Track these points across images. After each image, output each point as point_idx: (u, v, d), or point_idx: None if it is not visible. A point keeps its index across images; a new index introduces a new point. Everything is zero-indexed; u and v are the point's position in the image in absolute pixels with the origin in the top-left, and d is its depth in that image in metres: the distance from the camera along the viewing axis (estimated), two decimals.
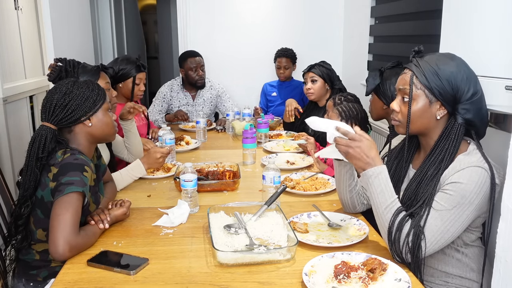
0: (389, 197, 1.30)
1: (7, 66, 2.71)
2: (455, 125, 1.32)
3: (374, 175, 1.32)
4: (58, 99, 1.45)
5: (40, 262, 1.47)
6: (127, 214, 1.58)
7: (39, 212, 1.44)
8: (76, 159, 1.41)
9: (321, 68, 2.79)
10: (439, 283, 1.39)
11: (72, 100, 1.46)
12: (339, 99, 2.35)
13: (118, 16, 5.37)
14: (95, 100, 1.50)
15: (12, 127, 2.67)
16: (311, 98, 2.83)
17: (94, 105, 1.50)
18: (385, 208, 1.30)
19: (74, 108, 1.46)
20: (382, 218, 1.30)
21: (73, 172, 1.37)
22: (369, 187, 1.33)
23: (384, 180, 1.31)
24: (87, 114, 1.48)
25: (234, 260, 1.27)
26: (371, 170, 1.32)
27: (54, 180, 1.38)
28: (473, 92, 1.30)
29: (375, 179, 1.31)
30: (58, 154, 1.42)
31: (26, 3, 3.04)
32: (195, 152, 2.61)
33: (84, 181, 1.38)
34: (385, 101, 1.89)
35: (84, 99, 1.47)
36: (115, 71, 2.58)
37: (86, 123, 1.49)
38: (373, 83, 1.90)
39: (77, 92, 1.47)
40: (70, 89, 1.47)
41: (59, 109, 1.45)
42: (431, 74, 1.31)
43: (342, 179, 1.55)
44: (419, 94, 1.33)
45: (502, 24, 1.34)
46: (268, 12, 4.03)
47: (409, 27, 2.69)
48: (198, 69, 3.40)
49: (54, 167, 1.39)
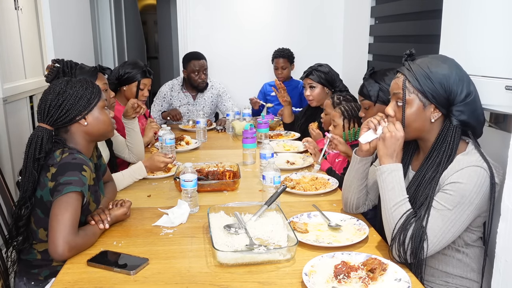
0: (400, 195, 1.31)
1: (7, 66, 2.71)
2: (451, 127, 1.32)
3: (389, 170, 1.33)
4: (52, 99, 1.44)
5: (42, 262, 1.48)
6: (128, 214, 1.58)
7: (39, 211, 1.44)
8: (75, 159, 1.40)
9: (318, 73, 2.72)
10: (440, 283, 1.39)
11: (66, 100, 1.44)
12: (338, 98, 2.35)
13: (118, 16, 5.37)
14: (89, 98, 1.48)
15: (12, 127, 2.67)
16: (312, 104, 2.79)
17: (88, 104, 1.48)
18: (393, 205, 1.30)
19: (69, 108, 1.44)
20: (388, 214, 1.31)
21: (72, 171, 1.37)
22: (383, 182, 1.34)
23: (398, 178, 1.32)
24: (82, 113, 1.47)
25: (234, 260, 1.27)
26: (393, 165, 1.33)
27: (53, 180, 1.37)
28: (467, 94, 1.30)
29: (389, 174, 1.32)
30: (57, 154, 1.41)
31: (26, 3, 3.04)
32: (195, 152, 2.61)
33: (82, 181, 1.38)
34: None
35: (78, 98, 1.46)
36: (121, 73, 2.59)
37: (81, 122, 1.48)
38: (376, 90, 1.91)
39: (71, 91, 1.45)
40: (63, 88, 1.45)
41: (54, 109, 1.44)
42: (423, 77, 1.31)
43: (358, 177, 1.54)
44: (412, 98, 1.33)
45: (502, 24, 1.34)
46: (268, 12, 4.03)
47: (409, 27, 2.69)
48: (201, 72, 3.39)
49: (53, 167, 1.39)
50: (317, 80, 2.72)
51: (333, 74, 2.78)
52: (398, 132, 1.34)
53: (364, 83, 1.97)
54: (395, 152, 1.34)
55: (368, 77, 1.97)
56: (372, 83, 1.94)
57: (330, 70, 2.78)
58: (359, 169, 1.53)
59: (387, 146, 1.34)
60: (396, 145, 1.34)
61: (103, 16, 5.10)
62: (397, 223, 1.28)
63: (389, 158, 1.34)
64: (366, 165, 1.52)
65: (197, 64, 3.39)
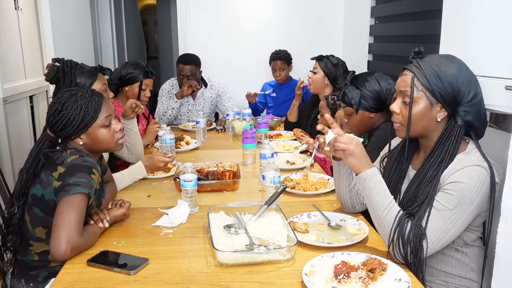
0: (386, 198, 1.31)
1: (7, 66, 2.71)
2: (455, 127, 1.32)
3: (368, 177, 1.32)
4: (50, 115, 1.47)
5: (39, 263, 1.47)
6: (127, 214, 1.58)
7: (37, 210, 1.44)
8: (85, 161, 1.42)
9: (327, 61, 2.75)
10: (439, 283, 1.39)
11: (61, 119, 1.44)
12: (332, 99, 2.35)
13: (118, 16, 5.37)
14: (82, 119, 1.45)
15: (12, 127, 2.67)
16: (310, 90, 2.83)
17: (81, 124, 1.46)
18: (384, 209, 1.30)
19: (62, 127, 1.45)
20: (381, 219, 1.30)
21: (81, 173, 1.38)
22: (365, 189, 1.33)
23: (380, 181, 1.32)
24: (76, 132, 1.47)
25: (234, 260, 1.27)
26: (369, 171, 1.32)
27: (60, 180, 1.38)
28: (474, 95, 1.30)
29: (370, 181, 1.32)
30: (66, 154, 1.42)
31: (26, 3, 3.04)
32: (195, 152, 2.61)
33: (91, 183, 1.39)
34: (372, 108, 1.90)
35: (72, 118, 1.44)
36: (123, 74, 2.58)
37: (76, 141, 1.49)
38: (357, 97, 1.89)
39: (65, 112, 1.44)
40: (60, 108, 1.45)
41: (52, 124, 1.47)
42: (432, 76, 1.30)
43: (342, 179, 1.55)
44: (420, 96, 1.32)
45: (502, 24, 1.34)
46: (268, 12, 4.03)
47: (409, 27, 2.69)
48: (185, 78, 3.33)
49: (61, 166, 1.40)
50: (322, 67, 2.75)
51: (339, 70, 2.75)
52: (355, 138, 1.34)
53: (344, 90, 1.95)
54: (362, 158, 1.33)
55: (349, 84, 1.95)
56: (353, 90, 1.91)
57: (339, 65, 2.76)
58: (340, 171, 1.54)
59: (357, 156, 1.33)
60: (363, 151, 1.34)
61: (103, 16, 5.10)
62: (392, 227, 1.28)
63: (364, 165, 1.33)
64: (346, 166, 1.52)
65: (182, 69, 3.35)
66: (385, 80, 1.90)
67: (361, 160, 1.33)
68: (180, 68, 3.38)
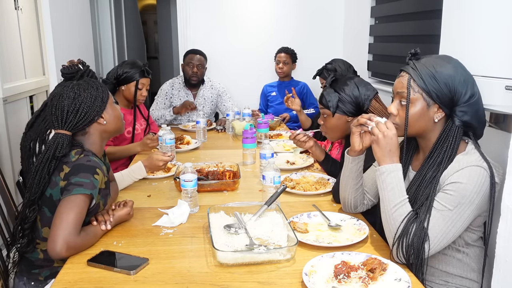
0: (400, 195, 1.30)
1: (7, 66, 2.71)
2: (453, 127, 1.32)
3: (387, 171, 1.32)
4: (68, 105, 1.45)
5: (43, 262, 1.48)
6: (131, 213, 1.58)
7: (46, 210, 1.45)
8: (89, 161, 1.42)
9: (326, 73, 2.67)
10: (440, 283, 1.39)
11: (83, 103, 1.46)
12: None
13: (118, 16, 5.37)
14: (102, 97, 1.51)
15: (12, 127, 2.67)
16: None
17: (103, 103, 1.51)
18: (393, 206, 1.30)
19: (87, 111, 1.47)
20: (389, 215, 1.30)
21: (84, 173, 1.39)
22: (381, 182, 1.33)
23: (397, 178, 1.31)
24: (99, 113, 1.50)
25: (234, 260, 1.27)
26: (390, 166, 1.32)
27: (65, 179, 1.39)
28: (471, 95, 1.30)
29: (388, 175, 1.31)
30: (72, 154, 1.44)
31: (26, 3, 3.03)
32: (195, 152, 2.61)
33: (94, 184, 1.39)
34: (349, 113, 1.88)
35: (93, 99, 1.48)
36: (119, 73, 2.59)
37: (100, 121, 1.51)
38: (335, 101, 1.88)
39: (85, 94, 1.47)
40: (77, 92, 1.47)
41: (72, 114, 1.45)
42: (428, 77, 1.30)
43: (352, 176, 1.54)
44: (416, 97, 1.32)
45: (502, 24, 1.34)
46: (268, 12, 4.03)
47: (409, 27, 2.69)
48: (194, 66, 3.41)
49: (66, 166, 1.41)
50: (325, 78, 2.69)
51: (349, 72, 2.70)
52: (389, 131, 1.32)
53: (323, 93, 1.93)
54: (391, 152, 1.32)
55: (328, 86, 1.94)
56: (332, 93, 1.89)
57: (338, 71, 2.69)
58: (352, 169, 1.53)
59: (381, 147, 1.33)
60: (391, 144, 1.32)
61: (103, 16, 5.10)
62: (399, 227, 1.27)
63: (386, 158, 1.33)
64: (359, 164, 1.52)
65: (193, 58, 3.42)
66: (365, 86, 1.88)
67: (384, 152, 1.32)
68: (190, 57, 3.44)
